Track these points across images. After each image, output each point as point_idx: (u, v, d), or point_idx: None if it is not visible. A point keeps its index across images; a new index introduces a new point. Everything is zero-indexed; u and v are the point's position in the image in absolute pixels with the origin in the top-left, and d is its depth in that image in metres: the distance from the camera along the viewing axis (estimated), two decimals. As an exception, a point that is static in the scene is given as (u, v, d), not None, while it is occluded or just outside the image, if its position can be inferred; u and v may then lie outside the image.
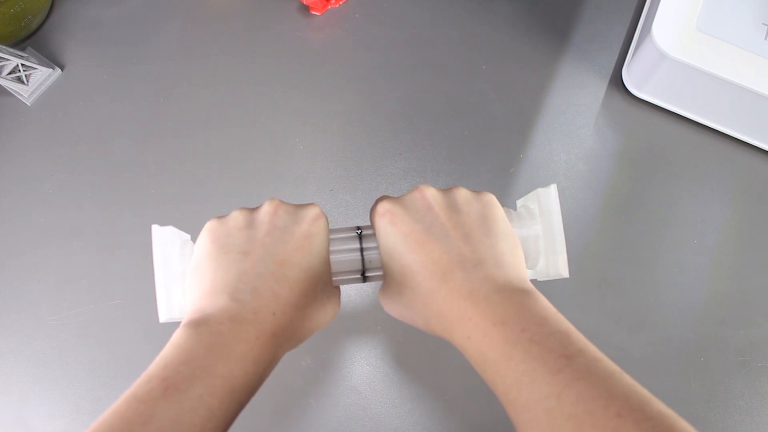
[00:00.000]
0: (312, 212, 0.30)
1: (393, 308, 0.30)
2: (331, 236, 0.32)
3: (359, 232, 0.32)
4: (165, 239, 0.31)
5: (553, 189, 0.31)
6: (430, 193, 0.29)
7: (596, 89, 0.57)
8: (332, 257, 0.31)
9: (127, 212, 0.52)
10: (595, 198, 0.53)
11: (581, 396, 0.21)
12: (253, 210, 0.30)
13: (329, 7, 0.59)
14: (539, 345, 0.23)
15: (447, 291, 0.26)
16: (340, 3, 0.59)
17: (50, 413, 0.47)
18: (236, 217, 0.30)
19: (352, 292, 0.50)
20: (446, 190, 0.30)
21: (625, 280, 0.51)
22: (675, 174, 0.54)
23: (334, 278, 0.32)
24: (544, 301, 0.26)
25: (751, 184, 0.55)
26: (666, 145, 0.55)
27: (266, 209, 0.30)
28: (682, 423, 0.20)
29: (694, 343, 0.49)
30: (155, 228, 0.31)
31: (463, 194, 0.29)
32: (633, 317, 0.50)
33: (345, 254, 0.31)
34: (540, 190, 0.32)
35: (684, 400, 0.48)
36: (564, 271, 0.31)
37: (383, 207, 0.29)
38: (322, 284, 0.30)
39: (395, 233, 0.28)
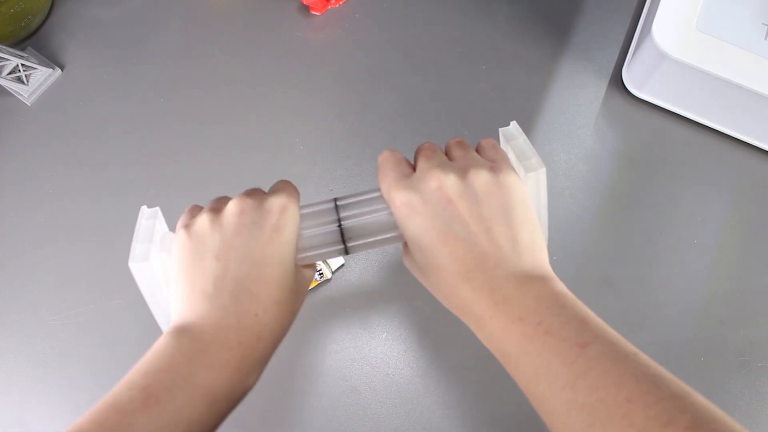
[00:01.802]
0: (278, 203, 0.29)
1: (416, 275, 0.31)
2: (304, 211, 0.31)
3: (335, 203, 0.31)
4: (144, 271, 0.32)
5: (513, 124, 0.33)
6: (449, 184, 0.27)
7: (596, 89, 0.57)
8: (308, 232, 0.30)
9: (127, 212, 0.52)
10: (595, 198, 0.53)
11: (594, 385, 0.21)
12: (217, 210, 0.30)
13: (329, 7, 0.59)
14: (554, 336, 0.23)
15: (469, 289, 0.26)
16: (340, 3, 0.59)
17: (50, 413, 0.47)
18: (202, 224, 0.29)
19: (352, 292, 0.50)
20: (464, 173, 0.28)
21: (625, 280, 0.51)
22: (675, 174, 0.54)
23: (313, 252, 0.31)
24: (560, 286, 0.26)
25: (751, 184, 0.55)
26: (666, 145, 0.55)
27: (231, 209, 0.29)
28: (697, 401, 0.20)
29: (694, 343, 0.49)
30: (132, 265, 0.32)
31: (482, 181, 0.28)
32: (633, 317, 0.50)
33: (320, 228, 0.31)
34: (502, 129, 0.34)
35: (684, 400, 0.48)
36: (540, 167, 0.30)
37: (401, 197, 0.28)
38: (295, 270, 0.30)
39: (415, 226, 0.28)
